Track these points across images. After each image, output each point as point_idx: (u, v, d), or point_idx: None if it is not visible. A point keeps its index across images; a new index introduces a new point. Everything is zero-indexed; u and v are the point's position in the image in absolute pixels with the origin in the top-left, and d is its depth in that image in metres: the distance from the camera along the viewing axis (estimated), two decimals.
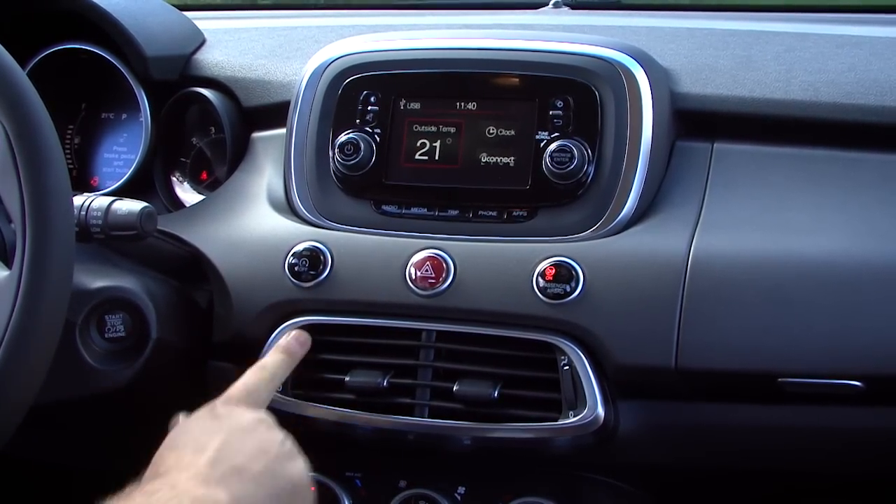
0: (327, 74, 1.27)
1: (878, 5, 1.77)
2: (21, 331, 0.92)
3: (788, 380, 1.07)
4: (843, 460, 1.15)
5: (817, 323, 1.06)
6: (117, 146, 1.47)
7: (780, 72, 1.21)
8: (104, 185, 1.45)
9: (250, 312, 1.20)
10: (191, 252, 1.26)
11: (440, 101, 1.23)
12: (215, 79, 1.40)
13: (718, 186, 1.16)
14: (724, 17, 1.54)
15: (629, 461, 1.18)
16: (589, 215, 1.15)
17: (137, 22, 1.38)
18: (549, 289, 1.11)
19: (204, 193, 1.40)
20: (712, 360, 1.08)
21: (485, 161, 1.20)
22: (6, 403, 0.93)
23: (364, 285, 1.17)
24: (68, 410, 1.19)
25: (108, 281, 1.17)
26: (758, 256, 1.09)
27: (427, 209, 1.21)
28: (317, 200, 1.24)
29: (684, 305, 1.08)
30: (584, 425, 1.11)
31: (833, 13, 1.54)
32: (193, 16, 1.54)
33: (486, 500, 1.21)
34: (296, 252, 1.19)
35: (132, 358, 1.18)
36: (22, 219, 0.94)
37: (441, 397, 1.14)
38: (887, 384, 1.06)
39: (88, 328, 1.16)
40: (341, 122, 1.24)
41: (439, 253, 1.16)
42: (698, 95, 1.21)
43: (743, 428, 1.13)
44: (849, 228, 1.10)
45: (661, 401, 1.13)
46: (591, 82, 1.18)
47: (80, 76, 1.45)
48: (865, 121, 1.16)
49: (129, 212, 1.14)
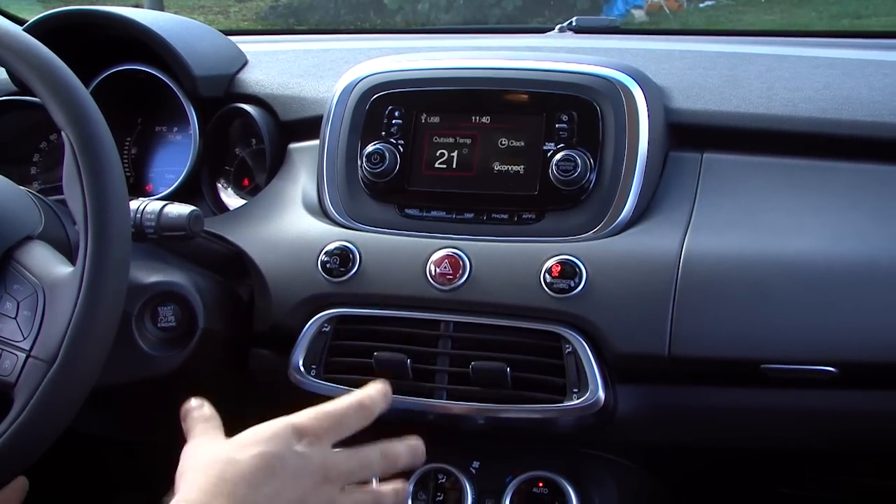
0: (356, 91, 1.27)
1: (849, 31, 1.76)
2: (84, 321, 0.92)
3: (770, 366, 1.06)
4: (819, 439, 1.14)
5: (796, 315, 1.05)
6: (169, 156, 1.47)
7: (763, 89, 1.20)
8: (157, 191, 1.45)
9: (287, 305, 1.20)
10: (234, 251, 1.26)
11: (457, 116, 1.22)
12: (256, 96, 1.40)
13: (707, 192, 1.15)
14: (712, 40, 1.53)
15: (627, 439, 1.18)
16: (591, 218, 1.15)
17: (187, 45, 1.38)
18: (555, 284, 1.10)
19: (245, 198, 1.39)
20: (702, 349, 1.07)
21: (497, 169, 1.19)
22: (73, 385, 0.93)
23: (388, 280, 1.17)
24: (126, 392, 1.19)
25: (161, 276, 1.17)
26: (743, 255, 1.08)
27: (445, 212, 1.20)
28: (346, 204, 1.23)
29: (677, 299, 1.07)
30: (586, 407, 1.10)
31: (809, 37, 1.53)
32: (237, 39, 1.54)
33: (497, 473, 1.20)
34: (328, 251, 1.19)
35: (182, 345, 1.18)
36: (84, 221, 0.94)
37: (458, 381, 1.14)
38: (859, 370, 1.05)
39: (143, 319, 1.16)
40: (369, 134, 1.24)
41: (456, 252, 1.15)
42: (689, 111, 1.20)
43: (729, 409, 1.12)
44: (824, 230, 1.09)
45: (655, 385, 1.12)
46: (593, 98, 1.17)
47: (136, 94, 1.45)
48: (839, 134, 1.15)
49: (179, 215, 1.14)
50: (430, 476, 1.22)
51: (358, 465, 0.88)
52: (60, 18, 1.38)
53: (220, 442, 0.86)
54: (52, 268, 0.98)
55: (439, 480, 1.22)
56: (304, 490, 0.83)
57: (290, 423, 0.85)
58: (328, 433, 0.86)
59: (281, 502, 0.81)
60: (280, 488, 0.81)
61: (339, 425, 0.88)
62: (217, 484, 0.79)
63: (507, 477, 1.19)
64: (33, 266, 0.99)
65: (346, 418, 0.88)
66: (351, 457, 0.88)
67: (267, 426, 0.85)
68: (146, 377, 1.16)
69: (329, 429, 0.87)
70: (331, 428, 0.87)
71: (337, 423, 0.87)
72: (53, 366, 0.92)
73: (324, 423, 0.86)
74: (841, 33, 1.63)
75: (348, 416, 0.89)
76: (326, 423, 0.87)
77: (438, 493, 1.21)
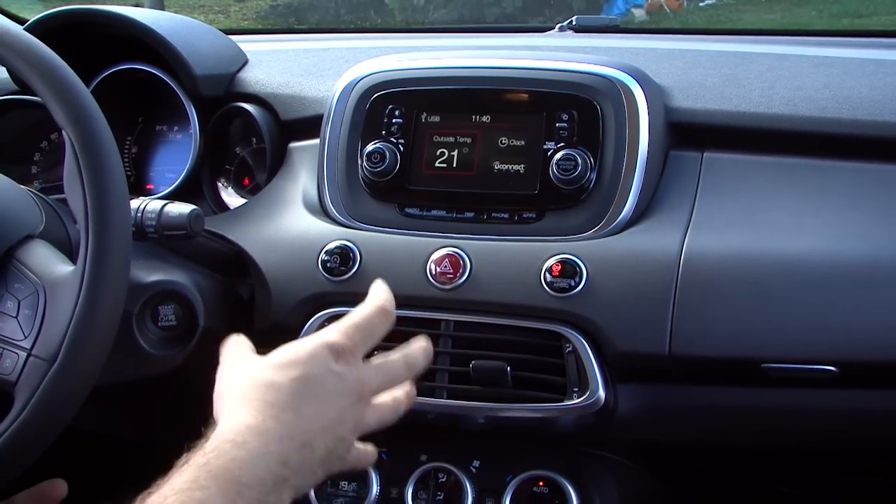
0: (356, 91, 1.26)
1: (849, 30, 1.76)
2: (85, 320, 0.92)
3: (771, 365, 1.06)
4: (819, 438, 1.14)
5: (796, 314, 1.05)
6: (169, 155, 1.47)
7: (763, 88, 1.20)
8: (158, 190, 1.45)
9: (287, 304, 1.20)
10: (234, 250, 1.26)
11: (457, 115, 1.22)
12: (257, 95, 1.40)
13: (708, 191, 1.15)
14: (712, 39, 1.53)
15: (627, 438, 1.18)
16: (591, 217, 1.14)
17: (188, 45, 1.38)
18: (555, 283, 1.10)
19: (246, 197, 1.39)
20: (702, 348, 1.07)
21: (498, 168, 1.19)
22: (73, 384, 0.93)
23: (389, 279, 1.15)
24: (126, 391, 1.19)
25: (161, 275, 1.17)
26: (743, 255, 1.08)
27: (446, 211, 1.20)
28: (347, 203, 1.23)
29: (677, 298, 1.07)
30: (586, 406, 1.10)
31: (809, 36, 1.53)
32: (238, 39, 1.54)
33: (498, 472, 1.20)
34: (328, 250, 1.19)
35: (182, 344, 1.18)
36: (85, 219, 0.94)
37: (458, 380, 1.14)
38: (859, 369, 1.05)
39: (144, 317, 1.16)
40: (369, 134, 1.24)
41: (457, 251, 1.15)
42: (689, 110, 1.20)
43: (730, 408, 1.13)
44: (824, 229, 1.09)
45: (656, 384, 1.12)
46: (594, 98, 1.17)
47: (137, 93, 1.45)
48: (839, 133, 1.15)
49: (180, 214, 1.14)
50: (430, 475, 1.22)
51: (388, 379, 0.90)
52: (61, 18, 1.38)
53: (255, 361, 0.87)
54: (53, 267, 0.98)
55: (439, 479, 1.22)
56: (341, 409, 0.84)
57: (325, 343, 0.85)
58: (359, 347, 0.88)
59: (321, 422, 0.82)
60: (321, 409, 0.82)
61: (368, 336, 0.89)
62: (262, 409, 0.80)
63: (508, 476, 1.20)
64: (34, 265, 0.99)
65: (372, 327, 0.90)
66: (380, 372, 0.90)
67: (302, 345, 0.86)
68: (146, 376, 1.16)
69: (360, 342, 0.88)
70: (361, 341, 0.88)
71: (366, 335, 0.89)
72: (54, 365, 0.92)
73: (354, 337, 0.87)
74: (841, 32, 1.64)
75: (374, 325, 0.90)
76: (357, 336, 0.88)
77: (439, 492, 1.21)
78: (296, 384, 0.82)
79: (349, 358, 0.86)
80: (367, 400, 0.88)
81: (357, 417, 0.86)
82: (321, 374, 0.84)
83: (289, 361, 0.84)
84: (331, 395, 0.83)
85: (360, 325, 0.89)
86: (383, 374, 0.90)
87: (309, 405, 0.82)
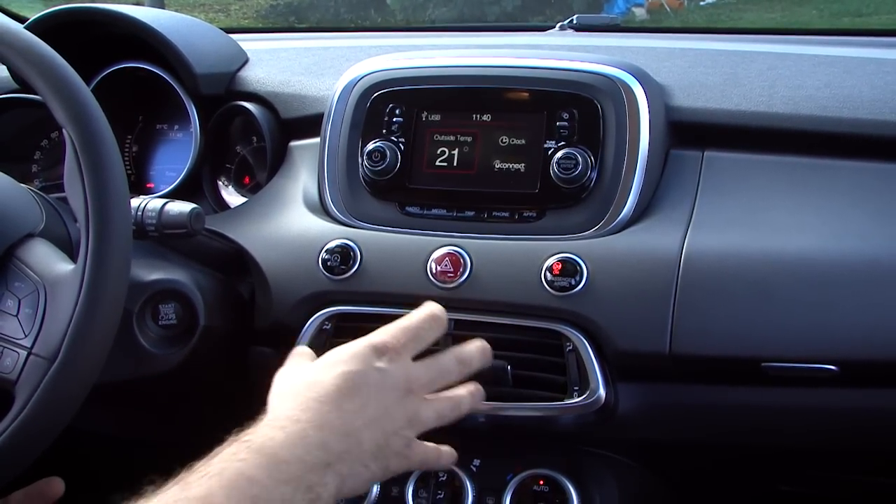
0: (357, 89, 1.26)
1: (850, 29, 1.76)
2: (85, 318, 0.92)
3: (771, 364, 1.06)
4: (820, 437, 1.14)
5: (797, 313, 1.05)
6: (170, 154, 1.47)
7: (764, 87, 1.20)
8: (158, 188, 1.45)
9: (288, 302, 1.20)
10: (235, 248, 1.26)
11: (458, 114, 1.22)
12: (257, 93, 1.40)
13: (708, 190, 1.15)
14: (712, 38, 1.53)
15: (627, 437, 1.18)
16: (592, 216, 1.14)
17: (188, 43, 1.38)
18: (555, 282, 1.10)
19: (246, 196, 1.39)
20: (702, 347, 1.07)
21: (498, 167, 1.19)
22: (74, 382, 0.93)
23: (389, 278, 1.17)
24: (127, 389, 1.19)
25: (162, 274, 1.17)
26: (744, 254, 1.08)
27: (446, 210, 1.20)
28: (347, 202, 1.23)
29: (677, 297, 1.07)
30: (587, 405, 1.10)
31: (810, 35, 1.53)
32: (238, 37, 1.54)
33: (498, 471, 1.20)
34: (328, 249, 1.19)
35: (183, 343, 1.17)
36: (85, 218, 0.94)
37: None
38: (860, 368, 1.05)
39: (144, 316, 1.16)
40: (369, 132, 1.24)
41: (457, 250, 1.15)
42: (690, 108, 1.20)
43: (730, 408, 1.12)
44: (825, 229, 1.09)
45: (656, 383, 1.12)
46: (594, 96, 1.17)
47: (137, 92, 1.45)
48: (840, 132, 1.15)
49: (180, 212, 1.14)
50: (430, 474, 1.22)
51: (438, 374, 0.94)
52: (61, 16, 1.38)
53: (307, 365, 0.92)
54: (54, 265, 0.98)
55: (440, 478, 1.21)
56: (388, 404, 0.87)
57: (369, 343, 0.90)
58: (407, 347, 0.92)
59: (365, 417, 0.85)
60: (364, 404, 0.86)
61: (416, 338, 0.94)
62: (303, 403, 0.84)
63: (508, 475, 1.19)
64: (34, 264, 0.99)
65: (421, 330, 0.95)
66: (430, 367, 0.93)
67: (347, 347, 0.91)
68: (147, 374, 1.16)
69: (407, 342, 0.92)
70: (409, 341, 0.93)
71: (414, 336, 0.93)
72: (54, 363, 0.92)
73: (401, 338, 0.92)
74: (842, 31, 1.63)
75: (423, 328, 0.95)
76: (404, 337, 0.92)
77: (439, 490, 1.21)
78: (337, 380, 0.86)
79: (393, 355, 0.90)
80: (420, 395, 0.91)
81: (410, 413, 0.89)
82: (363, 370, 0.88)
83: (334, 361, 0.89)
84: (373, 390, 0.87)
85: (407, 328, 0.94)
86: (433, 370, 0.93)
87: (350, 401, 0.85)
